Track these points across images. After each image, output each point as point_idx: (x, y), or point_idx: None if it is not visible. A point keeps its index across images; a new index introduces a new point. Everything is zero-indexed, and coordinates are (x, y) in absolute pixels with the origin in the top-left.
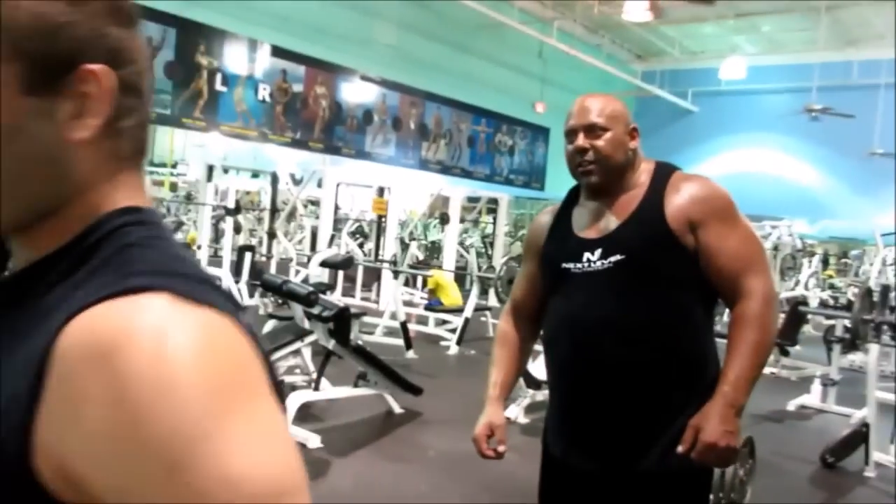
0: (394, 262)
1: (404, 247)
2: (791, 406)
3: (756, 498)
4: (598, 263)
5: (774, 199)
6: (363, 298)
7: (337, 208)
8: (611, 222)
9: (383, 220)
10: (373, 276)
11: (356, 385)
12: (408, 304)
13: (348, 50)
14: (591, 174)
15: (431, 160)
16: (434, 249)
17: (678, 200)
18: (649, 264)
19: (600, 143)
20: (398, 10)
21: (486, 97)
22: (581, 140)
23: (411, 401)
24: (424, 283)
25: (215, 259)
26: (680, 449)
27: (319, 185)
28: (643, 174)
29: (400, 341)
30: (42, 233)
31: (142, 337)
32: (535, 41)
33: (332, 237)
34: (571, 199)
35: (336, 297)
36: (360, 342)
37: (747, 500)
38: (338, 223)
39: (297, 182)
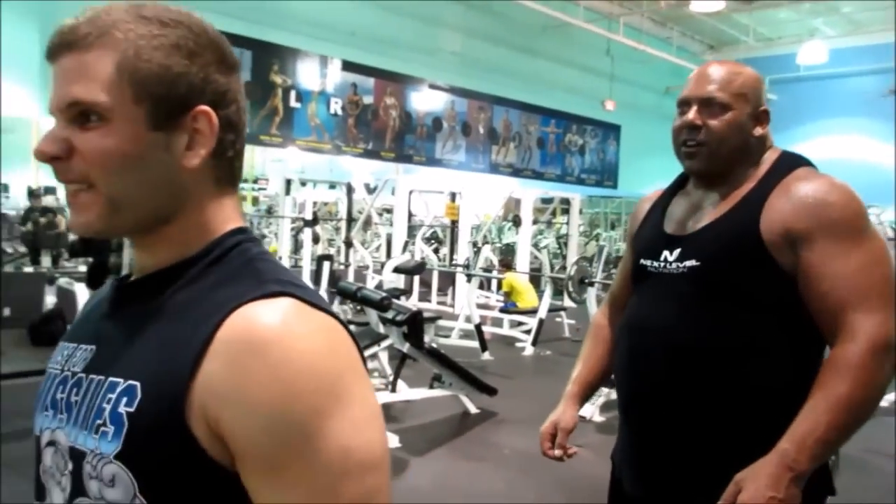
0: (466, 266)
1: (476, 250)
2: (884, 402)
3: (841, 494)
4: (674, 266)
5: (862, 186)
6: (439, 302)
7: (411, 215)
8: (702, 219)
9: (456, 224)
10: (448, 280)
11: (432, 386)
12: (484, 306)
13: (415, 60)
14: (695, 157)
15: (502, 163)
16: (508, 251)
17: (782, 204)
18: (726, 277)
19: (715, 122)
20: (463, 17)
21: (554, 98)
22: (693, 114)
23: (487, 401)
24: (499, 286)
25: (295, 269)
26: None
27: (393, 193)
28: (764, 166)
29: (475, 343)
30: (159, 240)
31: (287, 335)
32: (602, 39)
33: (406, 244)
34: (679, 183)
35: (413, 302)
36: (434, 345)
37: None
38: (413, 230)
39: (371, 191)
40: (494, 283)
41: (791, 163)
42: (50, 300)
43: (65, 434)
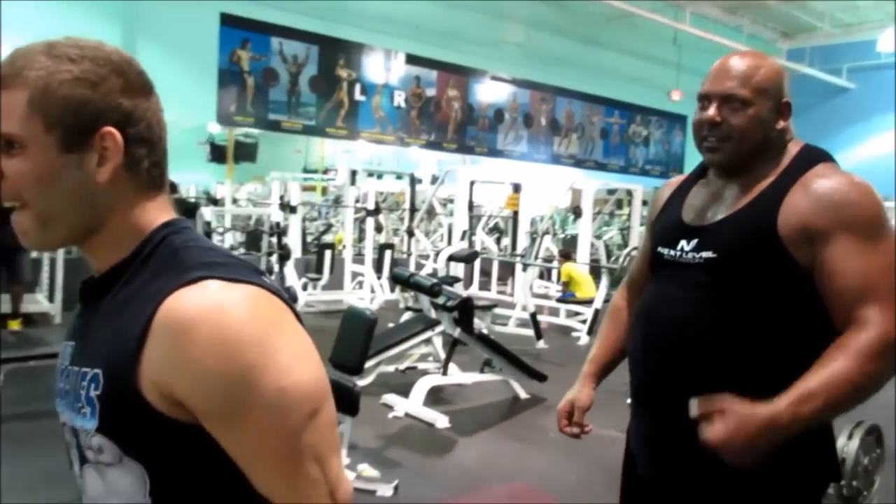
0: (523, 256)
1: (533, 240)
2: None
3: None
4: (690, 256)
5: None
6: (499, 292)
7: (472, 205)
8: (720, 211)
9: (518, 215)
10: (508, 270)
11: (482, 371)
12: (543, 296)
13: (478, 52)
14: (717, 152)
15: (564, 154)
16: (571, 242)
17: (800, 201)
18: (741, 269)
19: (737, 120)
20: (527, 9)
21: (618, 88)
22: (713, 111)
23: (537, 387)
24: (559, 277)
25: (359, 257)
26: (692, 413)
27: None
28: (785, 159)
29: (532, 332)
30: (96, 247)
31: (212, 312)
32: (669, 28)
33: (464, 233)
34: (700, 172)
35: (473, 291)
36: (484, 330)
37: (875, 490)
38: (476, 220)
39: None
40: (555, 274)
41: (812, 158)
42: None
43: (66, 417)
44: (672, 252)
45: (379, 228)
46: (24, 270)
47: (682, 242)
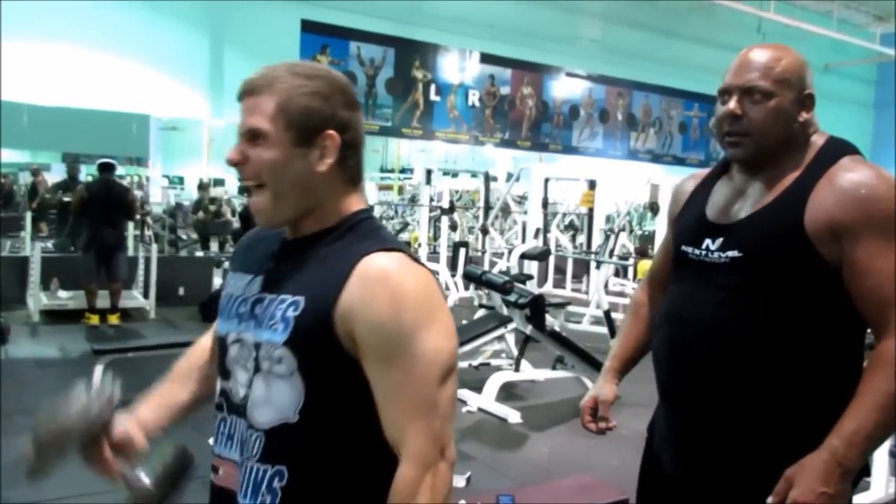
0: (596, 253)
1: (606, 237)
2: None
3: None
4: (715, 255)
5: None
6: (574, 289)
7: (547, 203)
8: (745, 208)
9: (593, 212)
10: (583, 267)
11: (554, 367)
12: (619, 294)
13: (553, 49)
14: (738, 146)
15: (641, 150)
16: (648, 239)
17: (827, 197)
18: (769, 269)
19: (757, 113)
20: (603, 3)
21: (698, 80)
22: (734, 104)
23: None
24: (635, 274)
25: (434, 255)
26: (769, 500)
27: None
28: (809, 152)
29: (606, 330)
30: (306, 222)
31: (400, 273)
32: (753, 16)
33: (538, 231)
34: (723, 167)
35: (547, 288)
36: (557, 328)
37: None
38: (551, 217)
39: (509, 180)
40: (632, 271)
41: (837, 150)
42: (217, 281)
43: (247, 334)
44: (696, 251)
45: (454, 226)
46: (122, 269)
47: (707, 241)
